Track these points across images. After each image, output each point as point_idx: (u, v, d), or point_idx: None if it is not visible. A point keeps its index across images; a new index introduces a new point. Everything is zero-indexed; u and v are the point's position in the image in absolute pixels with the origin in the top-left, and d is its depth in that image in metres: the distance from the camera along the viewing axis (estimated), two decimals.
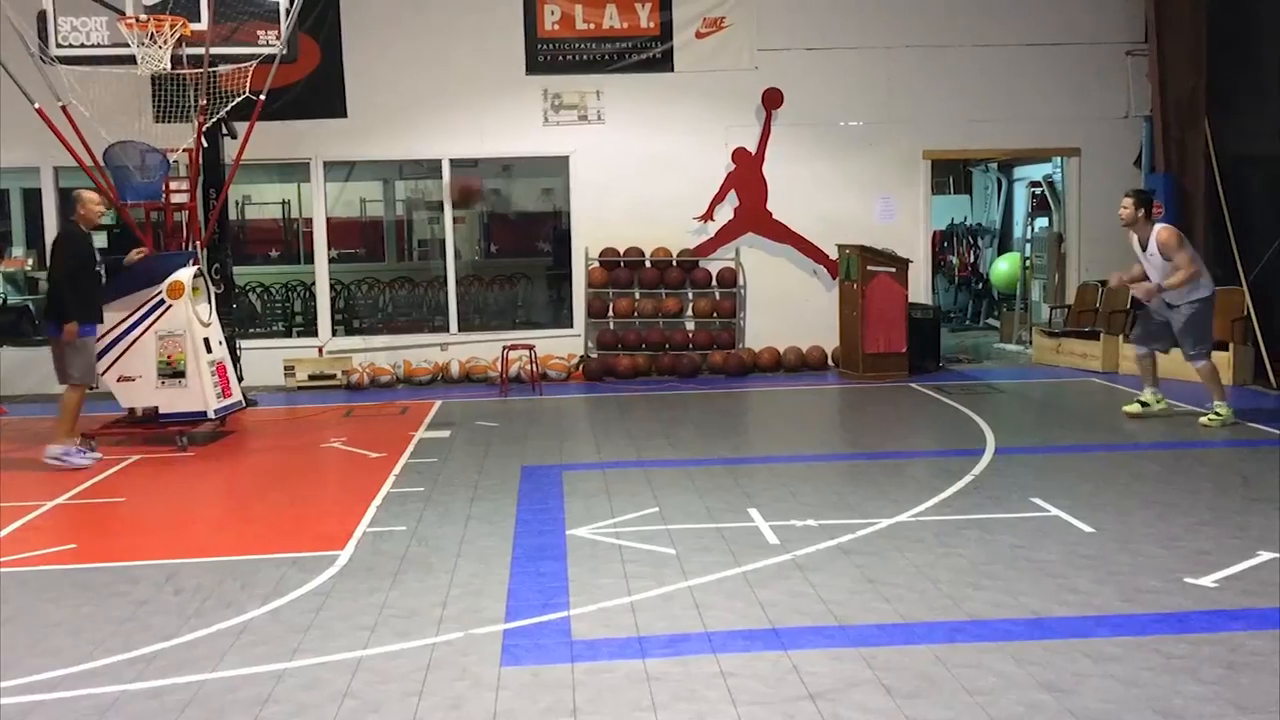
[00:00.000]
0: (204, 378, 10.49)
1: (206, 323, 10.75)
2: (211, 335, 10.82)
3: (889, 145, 14.90)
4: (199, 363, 10.48)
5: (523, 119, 14.60)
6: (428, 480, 8.78)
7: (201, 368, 10.49)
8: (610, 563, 6.53)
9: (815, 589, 5.96)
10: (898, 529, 7.09)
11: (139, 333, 10.51)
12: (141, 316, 10.53)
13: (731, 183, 14.79)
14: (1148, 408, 10.68)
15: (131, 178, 11.10)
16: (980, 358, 15.53)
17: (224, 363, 10.92)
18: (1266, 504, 7.46)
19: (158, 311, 10.49)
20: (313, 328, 15.13)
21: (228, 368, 11.01)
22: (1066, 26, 14.78)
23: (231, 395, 10.96)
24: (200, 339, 10.59)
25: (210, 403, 10.52)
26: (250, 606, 5.91)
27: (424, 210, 17.68)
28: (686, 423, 11.37)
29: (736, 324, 14.83)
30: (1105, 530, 6.94)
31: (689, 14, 14.52)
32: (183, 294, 10.48)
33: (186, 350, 10.47)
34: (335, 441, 10.63)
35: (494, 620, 5.62)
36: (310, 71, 14.13)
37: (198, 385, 10.46)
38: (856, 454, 9.84)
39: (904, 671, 4.88)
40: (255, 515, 8.17)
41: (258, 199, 18.32)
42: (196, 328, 10.54)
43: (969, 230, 19.92)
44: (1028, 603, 5.70)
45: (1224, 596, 5.74)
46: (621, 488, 8.39)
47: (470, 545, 6.98)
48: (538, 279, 16.78)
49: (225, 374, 10.87)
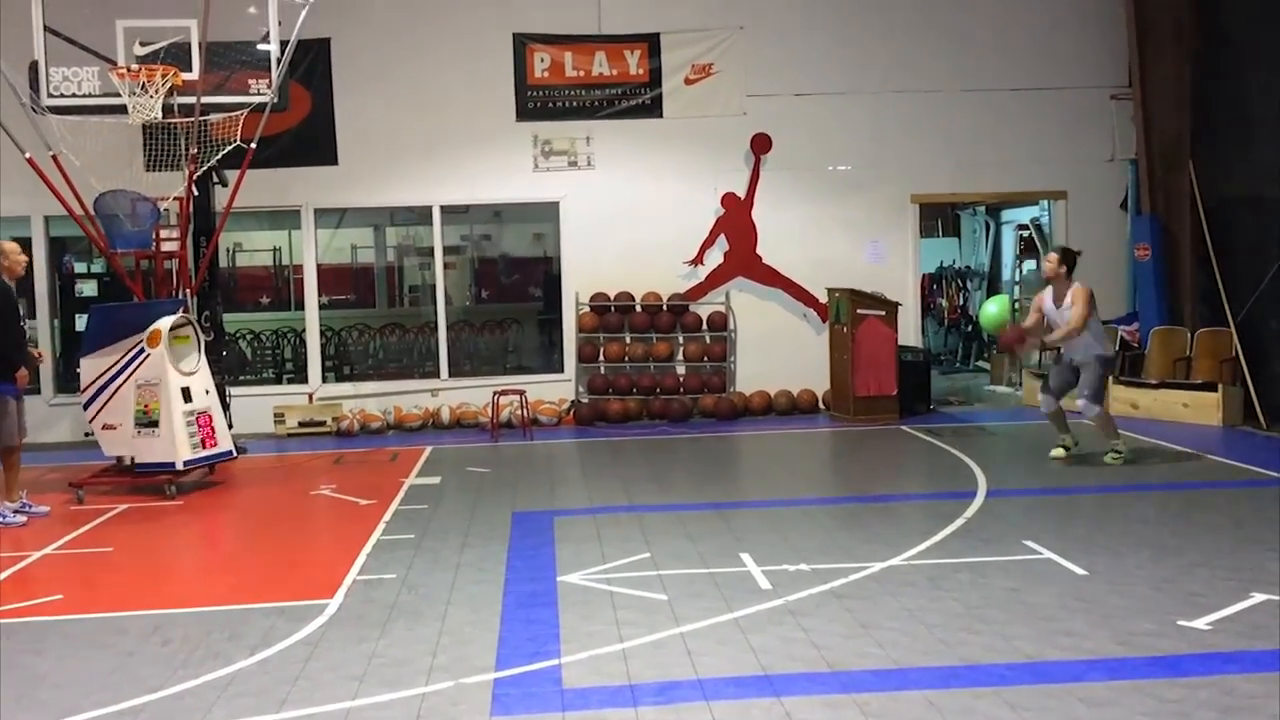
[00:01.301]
0: (176, 428, 10.31)
1: (191, 371, 10.65)
2: (196, 384, 10.67)
3: (877, 189, 14.97)
4: (173, 412, 10.32)
5: (513, 165, 14.66)
6: (418, 527, 8.73)
7: (175, 418, 10.31)
8: (602, 609, 6.49)
9: (808, 634, 5.92)
10: (890, 573, 7.06)
11: (121, 381, 10.48)
12: (125, 364, 10.49)
13: (721, 227, 14.84)
14: (1069, 451, 10.85)
15: (122, 226, 11.13)
16: (971, 400, 15.53)
17: (210, 412, 10.74)
18: (1259, 545, 7.44)
19: (139, 360, 10.45)
20: (303, 374, 15.09)
21: (215, 417, 10.81)
22: (1051, 71, 14.90)
23: (217, 445, 10.73)
24: (177, 388, 10.41)
25: (181, 454, 10.30)
26: (238, 657, 5.86)
27: (415, 256, 17.68)
28: (678, 467, 11.35)
29: (727, 368, 14.83)
30: (1098, 572, 6.91)
31: (678, 60, 14.63)
32: (159, 343, 10.42)
33: (161, 399, 10.37)
34: (325, 489, 10.57)
35: (484, 669, 5.57)
36: (301, 120, 14.18)
37: (169, 435, 10.31)
38: (848, 497, 9.81)
39: (897, 717, 4.84)
40: (244, 564, 8.11)
41: (249, 246, 18.33)
42: (173, 377, 10.40)
43: (958, 273, 19.98)
44: (1021, 646, 5.67)
45: (1218, 639, 5.71)
46: (613, 533, 8.35)
47: (461, 592, 6.93)
48: (528, 324, 16.77)
49: (210, 424, 10.69)
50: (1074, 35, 14.95)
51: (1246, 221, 12.87)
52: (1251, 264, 12.66)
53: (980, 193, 15.95)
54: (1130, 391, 13.45)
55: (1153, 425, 12.57)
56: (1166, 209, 14.29)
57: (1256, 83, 12.68)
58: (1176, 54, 13.97)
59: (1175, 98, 14.03)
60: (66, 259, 14.93)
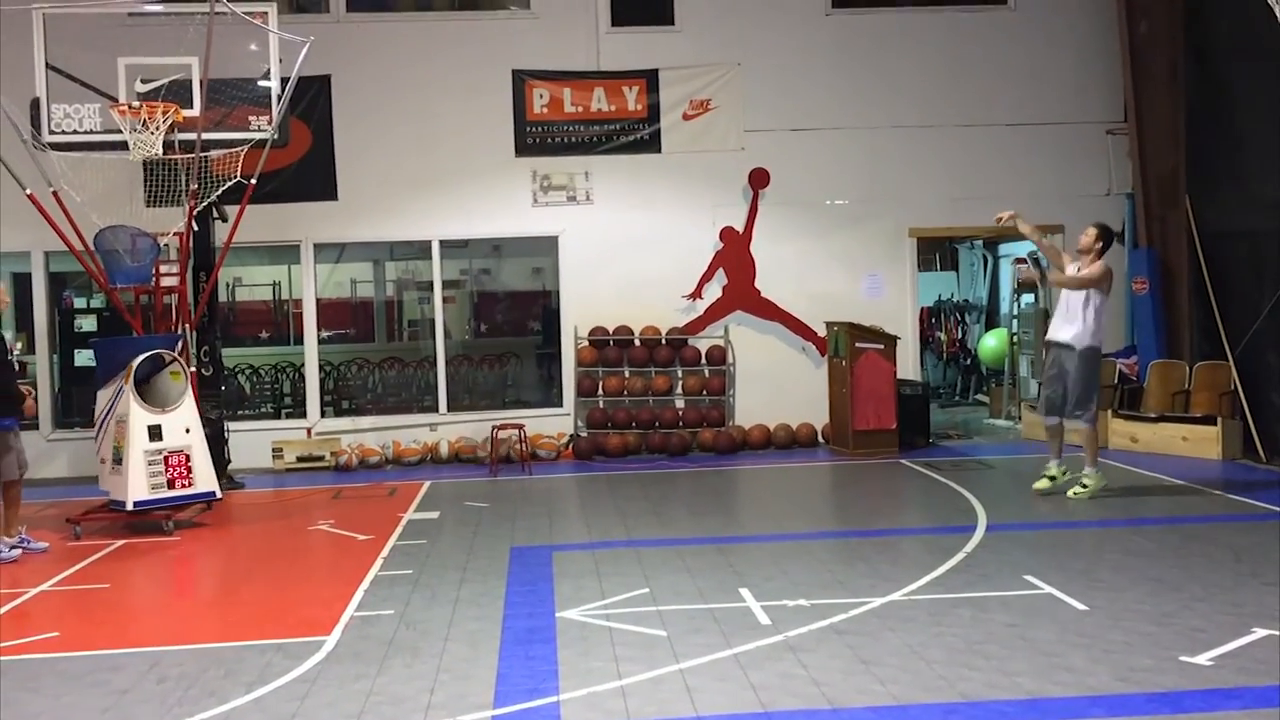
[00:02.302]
0: (132, 466, 10.14)
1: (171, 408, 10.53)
2: (172, 422, 10.45)
3: (875, 223, 15.01)
4: (132, 450, 10.18)
5: (512, 200, 14.70)
6: (416, 563, 8.69)
7: (135, 456, 10.18)
8: (600, 645, 6.45)
9: (807, 670, 5.88)
10: (890, 608, 7.02)
11: (108, 416, 10.47)
12: (113, 400, 10.49)
13: (719, 261, 14.86)
14: (1055, 481, 10.64)
15: (122, 262, 11.14)
16: (970, 433, 15.50)
17: (187, 451, 10.47)
18: (1259, 580, 7.41)
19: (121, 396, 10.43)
20: (301, 409, 15.07)
21: (194, 457, 10.52)
22: (1048, 106, 14.98)
23: (192, 486, 10.46)
24: (141, 425, 10.25)
25: (133, 494, 10.11)
26: (234, 695, 5.81)
27: (414, 290, 17.70)
28: (677, 501, 11.31)
29: (726, 401, 14.81)
30: (1098, 608, 6.88)
31: (676, 96, 14.70)
32: (129, 379, 10.34)
33: (125, 437, 10.29)
34: (323, 524, 10.53)
35: (482, 706, 5.53)
36: (301, 155, 14.23)
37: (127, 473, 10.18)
38: (848, 531, 9.77)
39: None
40: (240, 600, 8.06)
41: (248, 281, 18.36)
42: (137, 414, 10.28)
43: (956, 306, 20.01)
44: (1022, 683, 5.63)
45: (1219, 675, 5.68)
46: (612, 568, 8.31)
47: (458, 628, 6.89)
48: (527, 358, 16.77)
49: (185, 464, 10.42)
50: (1070, 71, 15.05)
51: (1242, 256, 12.89)
52: (1249, 298, 12.67)
53: (977, 226, 15.95)
54: (1129, 425, 13.44)
55: (1152, 459, 12.54)
56: (1163, 243, 14.33)
57: (1249, 119, 12.74)
58: (1171, 90, 14.05)
59: (1171, 133, 14.09)
60: (66, 294, 14.94)
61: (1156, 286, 14.20)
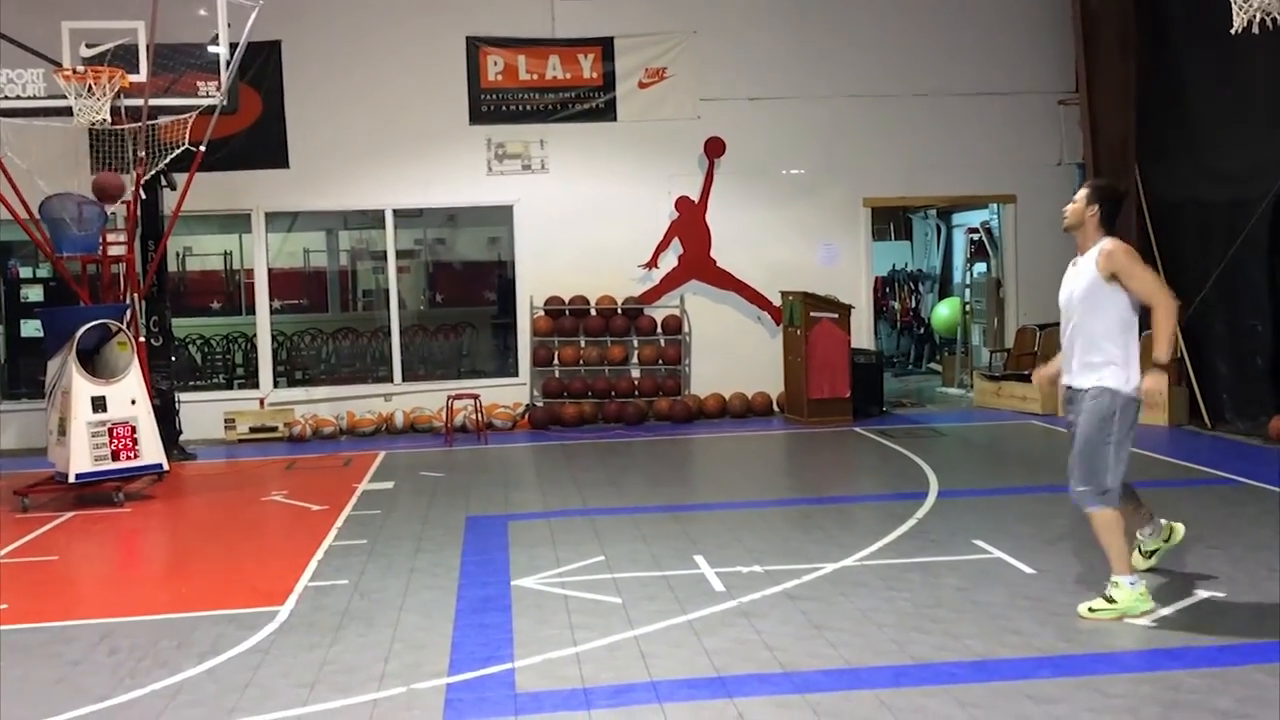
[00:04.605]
0: (75, 438, 10.02)
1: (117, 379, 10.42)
2: (117, 393, 10.33)
3: (830, 193, 15.06)
4: (75, 422, 10.05)
5: (466, 168, 14.62)
6: (371, 533, 8.67)
7: (77, 427, 10.07)
8: (556, 613, 6.48)
9: (761, 636, 5.94)
10: (843, 574, 7.10)
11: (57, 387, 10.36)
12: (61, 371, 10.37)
13: (675, 231, 14.87)
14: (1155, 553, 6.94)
15: (68, 230, 10.97)
16: (923, 402, 15.65)
17: (133, 423, 10.35)
18: (1204, 544, 7.53)
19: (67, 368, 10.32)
20: (254, 379, 14.97)
21: (140, 428, 10.40)
22: (1001, 77, 15.07)
23: (138, 458, 10.37)
24: (84, 397, 10.13)
25: (75, 465, 10.00)
26: (186, 666, 5.79)
27: (368, 260, 17.60)
28: (633, 470, 11.35)
29: (682, 371, 14.86)
30: (1046, 571, 6.98)
31: (631, 64, 14.65)
32: (71, 350, 10.22)
33: (70, 408, 10.16)
34: (276, 495, 10.49)
35: (437, 674, 5.55)
36: (251, 122, 14.07)
37: (69, 445, 10.06)
38: (802, 499, 9.85)
39: (848, 717, 4.87)
40: (192, 571, 8.02)
41: (199, 250, 18.19)
42: (79, 385, 10.17)
43: (910, 276, 20.15)
44: (971, 645, 5.72)
45: (1162, 636, 5.79)
46: (567, 537, 8.34)
47: (413, 598, 6.89)
48: (483, 328, 16.74)
49: (131, 435, 10.30)
50: (1022, 41, 15.14)
51: (1190, 224, 13.04)
52: (1196, 266, 12.83)
53: (931, 196, 16.09)
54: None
55: None
56: None
57: (1199, 89, 12.87)
58: (1122, 59, 14.13)
59: (1120, 102, 14.19)
60: (11, 263, 14.73)
61: None
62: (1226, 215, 12.29)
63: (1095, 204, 6.31)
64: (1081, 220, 6.35)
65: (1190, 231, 13.06)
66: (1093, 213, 6.31)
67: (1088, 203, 6.32)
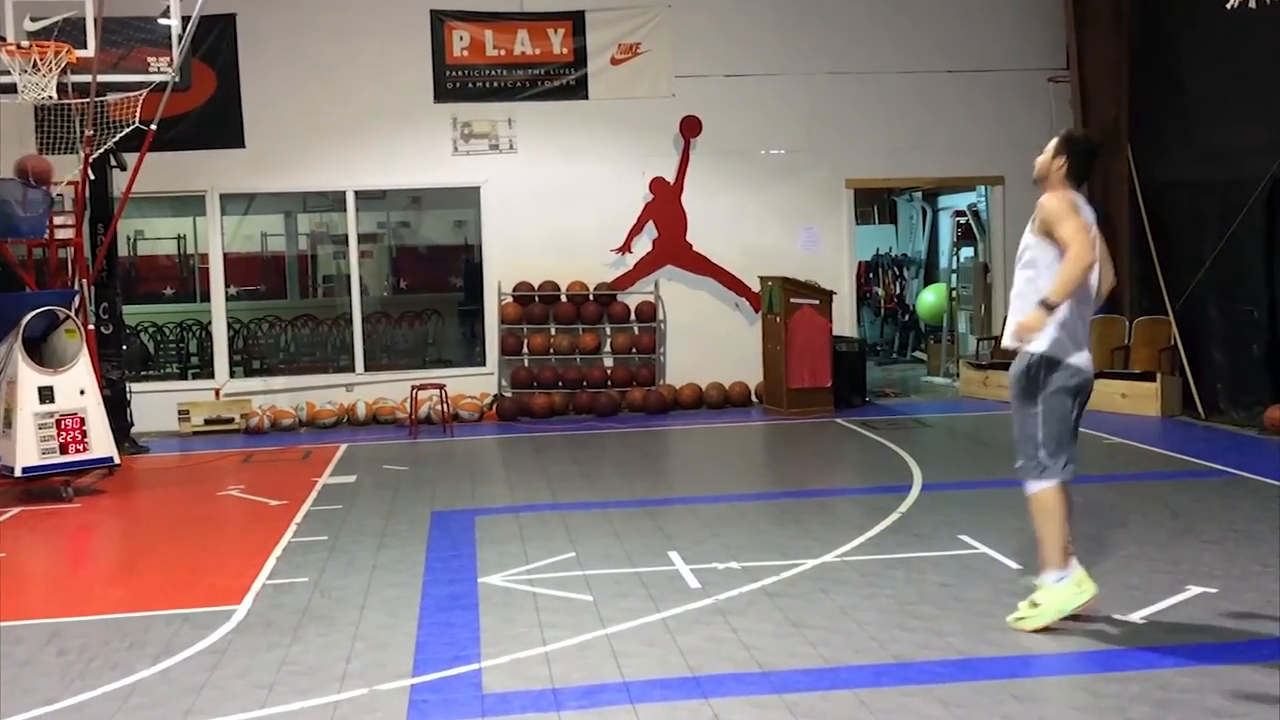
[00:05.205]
0: (21, 430, 9.94)
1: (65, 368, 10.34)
2: (65, 383, 10.25)
3: (811, 174, 15.11)
4: (21, 413, 9.97)
5: (431, 148, 14.60)
6: (332, 528, 8.68)
7: (23, 419, 9.98)
8: (524, 611, 6.50)
9: (737, 634, 5.98)
10: (823, 570, 7.15)
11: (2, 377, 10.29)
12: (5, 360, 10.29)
13: (649, 214, 14.88)
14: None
15: (12, 212, 10.89)
16: (907, 391, 15.74)
17: (82, 414, 10.27)
18: (1196, 537, 7.63)
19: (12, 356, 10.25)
20: (209, 369, 14.92)
21: (90, 420, 10.31)
22: (989, 53, 15.12)
23: (87, 450, 10.28)
24: (30, 387, 10.05)
25: (21, 459, 9.91)
26: (139, 666, 5.79)
27: (329, 244, 17.57)
28: (605, 463, 11.38)
29: (656, 359, 14.89)
30: (1033, 566, 7.03)
31: (603, 40, 14.64)
32: (18, 338, 10.16)
33: (15, 398, 10.09)
34: (233, 489, 10.47)
35: (401, 675, 5.57)
36: (205, 100, 14.00)
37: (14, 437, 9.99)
38: (781, 493, 9.91)
39: (827, 717, 4.91)
40: (145, 569, 8.01)
41: (150, 234, 18.09)
42: (26, 375, 10.08)
43: (894, 261, 20.23)
44: (955, 643, 5.77)
45: (1152, 633, 5.85)
46: (536, 532, 8.36)
47: (376, 596, 6.91)
48: (449, 315, 16.73)
49: (80, 427, 10.22)
50: (1011, 16, 15.20)
51: (1184, 207, 13.14)
52: (1190, 250, 12.93)
53: (916, 177, 16.15)
54: None
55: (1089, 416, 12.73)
56: (1104, 194, 14.54)
57: (1194, 66, 12.95)
58: (1114, 35, 14.23)
59: (1113, 80, 14.29)
60: None
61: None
62: (1222, 197, 12.38)
63: (1062, 155, 6.08)
64: (1048, 172, 6.14)
65: (1185, 214, 13.15)
66: (1059, 164, 6.09)
67: (1054, 154, 6.11)
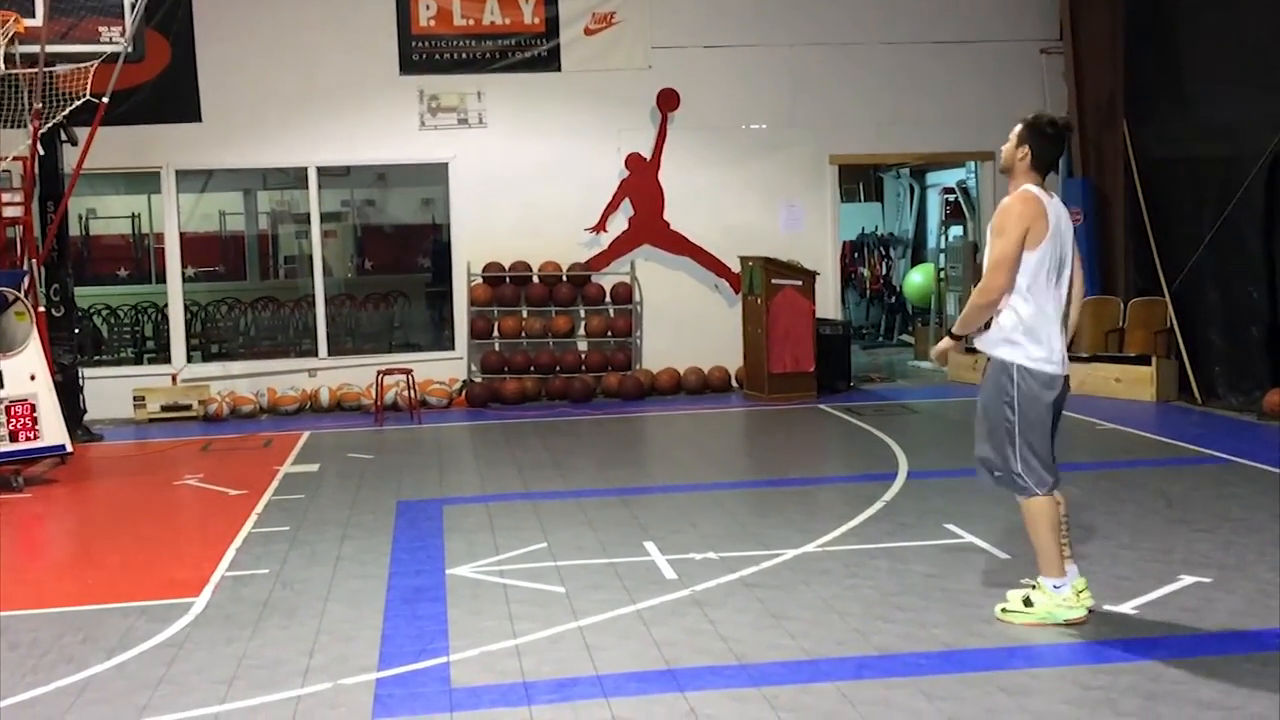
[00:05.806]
0: None
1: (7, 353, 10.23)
2: (15, 368, 10.20)
3: (794, 149, 15.14)
4: None
5: (397, 122, 14.56)
6: (294, 519, 8.69)
7: None
8: (494, 603, 6.54)
9: (715, 626, 6.02)
10: (804, 560, 7.20)
11: None
12: None
13: (625, 191, 14.89)
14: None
15: None
16: (893, 376, 15.82)
17: (32, 400, 10.22)
18: (1190, 526, 7.70)
19: None
20: (166, 353, 14.87)
21: (40, 406, 10.27)
22: (978, 23, 15.16)
23: (37, 439, 10.24)
24: None
25: None
26: (93, 661, 5.81)
27: (290, 223, 17.52)
28: (579, 451, 11.41)
29: (633, 343, 14.92)
30: (1021, 556, 7.07)
31: (577, 9, 14.62)
32: None
33: None
34: (191, 478, 10.47)
35: (366, 669, 5.60)
36: (160, 72, 13.93)
37: None
38: (761, 481, 9.96)
39: (808, 711, 4.96)
40: (100, 561, 8.01)
41: (103, 212, 18.00)
42: None
43: (880, 240, 20.28)
44: (939, 634, 5.83)
45: (1143, 624, 5.92)
46: (507, 522, 8.40)
47: (340, 588, 6.93)
48: (416, 297, 16.72)
49: (30, 414, 10.17)
50: None
51: (1182, 184, 13.18)
52: (1188, 229, 12.97)
53: (903, 153, 16.22)
54: None
55: (1083, 401, 12.85)
56: (1099, 171, 14.64)
57: (1191, 38, 12.99)
58: (1109, 5, 14.27)
59: (1108, 53, 14.33)
60: None
61: (1091, 218, 14.52)
62: (1221, 174, 12.42)
63: (1025, 145, 5.79)
64: (1012, 163, 5.86)
65: (1182, 191, 13.20)
66: (1022, 154, 5.80)
67: (1017, 143, 5.81)
